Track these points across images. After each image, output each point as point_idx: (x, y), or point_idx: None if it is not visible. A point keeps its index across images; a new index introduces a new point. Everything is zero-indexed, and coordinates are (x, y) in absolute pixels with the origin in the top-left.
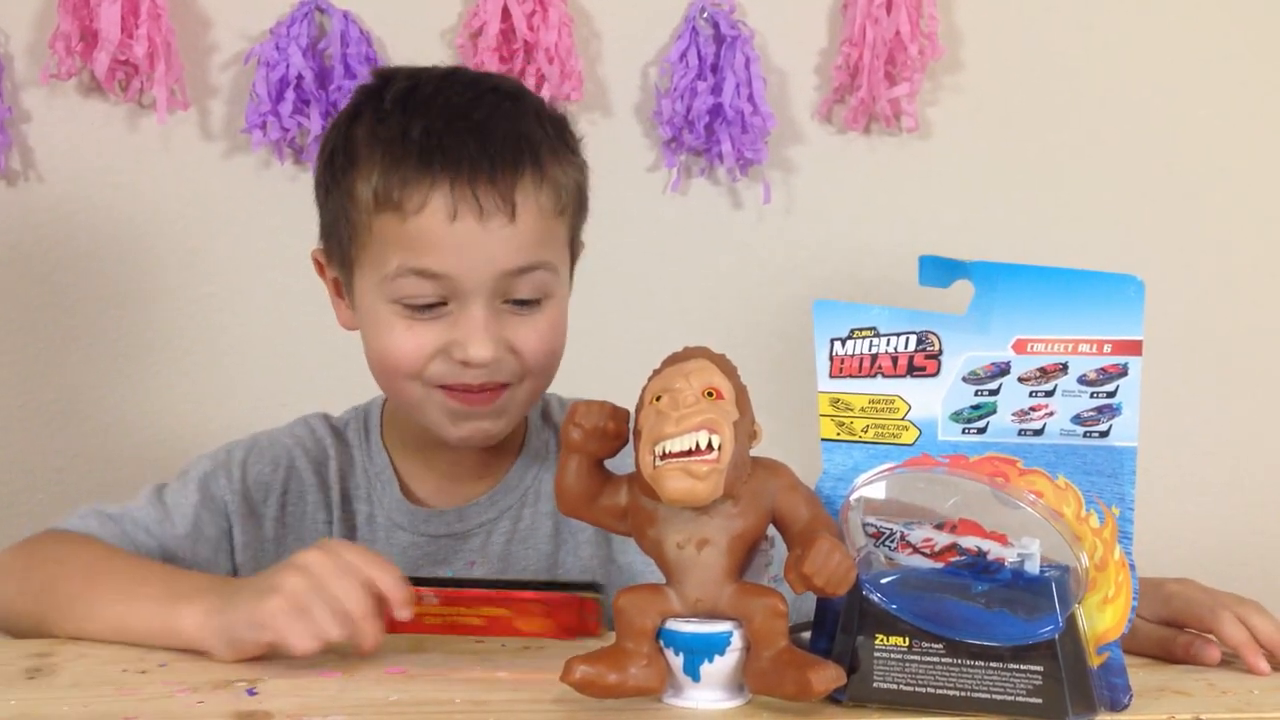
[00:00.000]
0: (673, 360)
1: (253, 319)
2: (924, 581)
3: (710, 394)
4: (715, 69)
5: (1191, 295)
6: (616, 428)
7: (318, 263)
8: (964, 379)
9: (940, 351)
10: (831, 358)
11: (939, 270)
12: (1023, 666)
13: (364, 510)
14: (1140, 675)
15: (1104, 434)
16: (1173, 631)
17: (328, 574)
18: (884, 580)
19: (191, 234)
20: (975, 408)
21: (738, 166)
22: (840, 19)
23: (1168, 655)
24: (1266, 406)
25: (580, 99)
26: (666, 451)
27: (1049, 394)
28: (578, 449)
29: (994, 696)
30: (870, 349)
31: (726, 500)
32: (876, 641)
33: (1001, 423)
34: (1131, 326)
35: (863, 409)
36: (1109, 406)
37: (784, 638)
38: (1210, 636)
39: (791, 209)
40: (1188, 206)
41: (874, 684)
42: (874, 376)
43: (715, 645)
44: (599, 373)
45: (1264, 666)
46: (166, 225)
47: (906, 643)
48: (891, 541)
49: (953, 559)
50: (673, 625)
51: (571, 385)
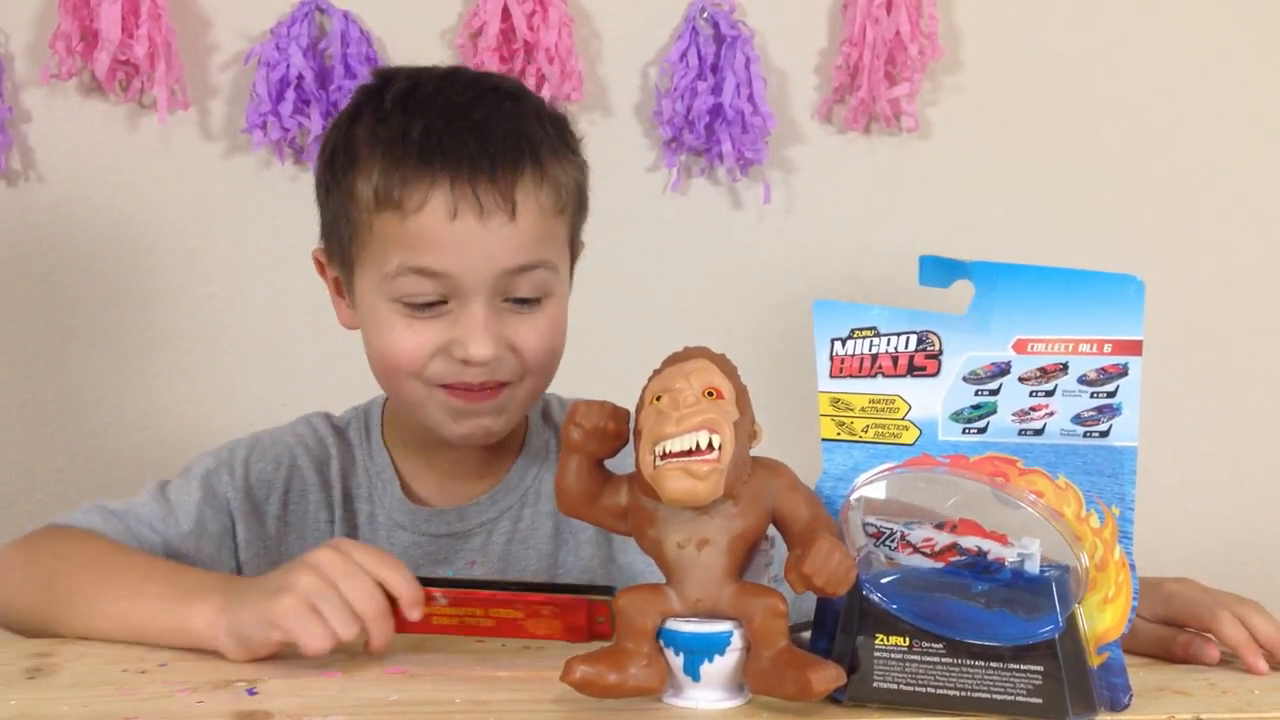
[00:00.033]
0: (673, 360)
1: (253, 319)
2: (924, 581)
3: (710, 394)
4: (715, 69)
5: (1191, 295)
6: (617, 428)
7: (318, 262)
8: (964, 379)
9: (940, 351)
10: (832, 358)
11: (939, 270)
12: (1023, 666)
13: (365, 509)
14: (1140, 675)
15: (1104, 434)
16: (1172, 631)
17: (339, 574)
18: (884, 580)
19: (191, 234)
20: (975, 408)
21: (738, 166)
22: (840, 19)
23: (1168, 655)
24: (1266, 406)
25: (580, 99)
26: (667, 451)
27: (1049, 394)
28: (578, 449)
29: (994, 696)
30: (870, 349)
31: (727, 500)
32: (876, 641)
33: (1002, 423)
34: (1131, 326)
35: (863, 409)
36: (1109, 406)
37: (784, 638)
38: (1210, 636)
39: (791, 209)
40: (1188, 206)
41: (874, 684)
42: (874, 376)
43: (715, 645)
44: (599, 373)
45: (1263, 666)
46: (166, 225)
47: (906, 642)
48: (892, 541)
49: (953, 559)
50: (673, 625)
51: (571, 385)
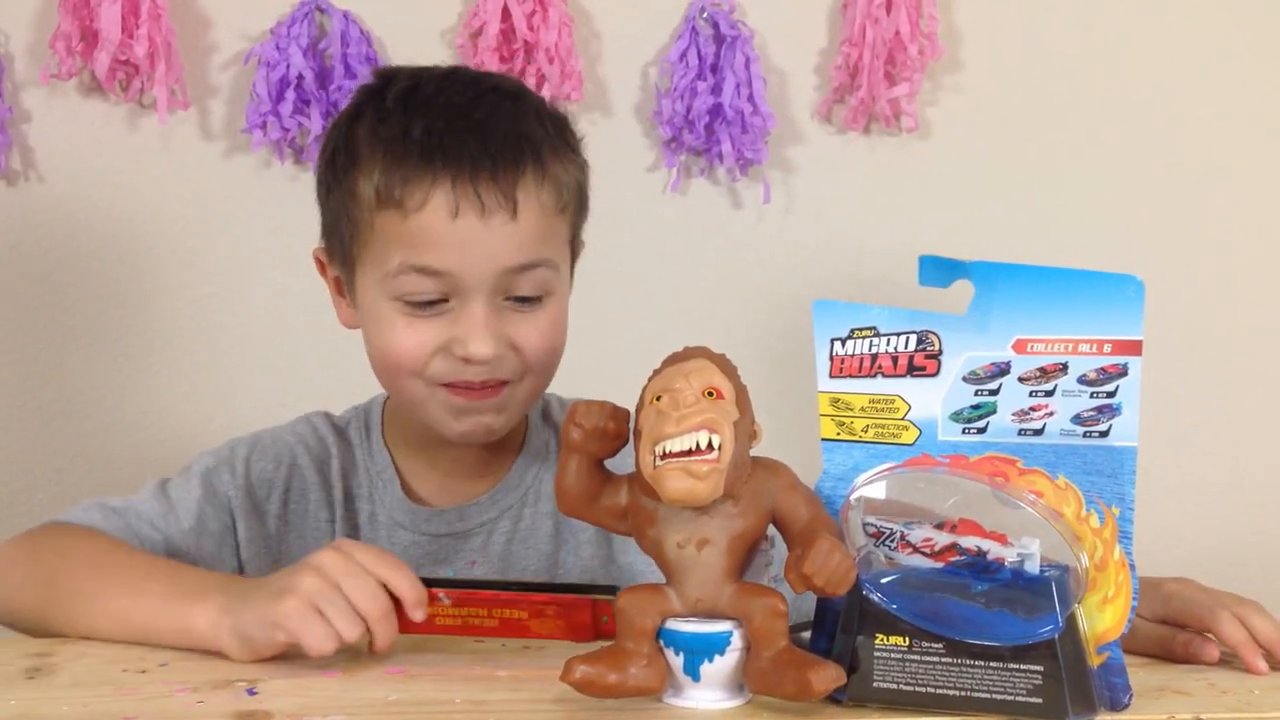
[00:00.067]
0: (673, 360)
1: (253, 319)
2: (924, 581)
3: (710, 394)
4: (715, 69)
5: (1191, 295)
6: (616, 428)
7: (319, 261)
8: (964, 379)
9: (940, 351)
10: (831, 357)
11: (939, 270)
12: (1023, 666)
13: (366, 509)
14: (1140, 675)
15: (1104, 434)
16: (1172, 631)
17: (342, 575)
18: (884, 580)
19: (191, 234)
20: (975, 407)
21: (737, 166)
22: (840, 19)
23: (1167, 655)
24: (1266, 406)
25: (580, 99)
26: (667, 451)
27: (1049, 394)
28: (578, 449)
29: (994, 696)
30: (870, 349)
31: (726, 500)
32: (876, 641)
33: (1001, 423)
34: (1131, 326)
35: (863, 409)
36: (1109, 406)
37: (784, 637)
38: (1210, 636)
39: (791, 209)
40: (1188, 206)
41: (874, 684)
42: (874, 376)
43: (715, 645)
44: (599, 373)
45: (1263, 666)
46: (166, 225)
47: (906, 642)
48: (891, 541)
49: (953, 559)
50: (673, 625)
51: (571, 385)
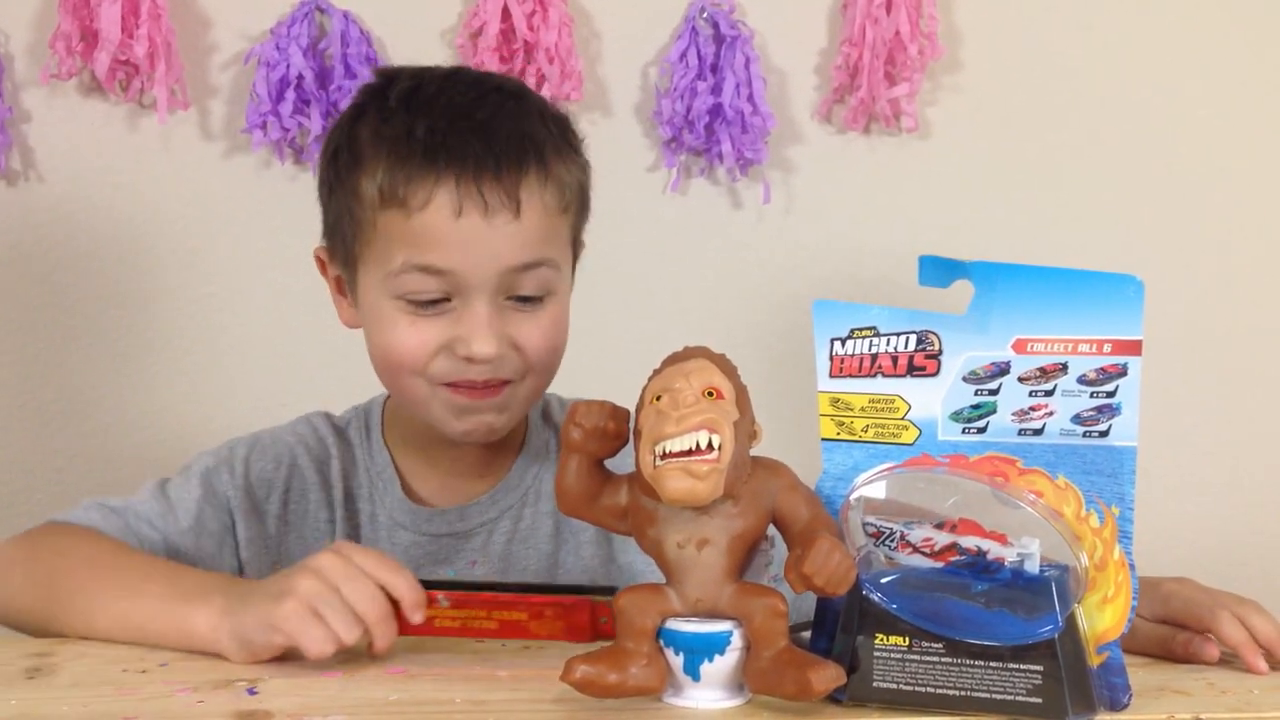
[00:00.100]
0: (673, 360)
1: (253, 319)
2: (924, 581)
3: (710, 394)
4: (715, 69)
5: (1191, 295)
6: (616, 427)
7: (320, 261)
8: (964, 379)
9: (940, 351)
10: (831, 357)
11: (939, 270)
12: (1022, 666)
13: (366, 509)
14: (1140, 675)
15: (1104, 434)
16: (1172, 631)
17: (341, 577)
18: (884, 580)
19: (191, 234)
20: (975, 407)
21: (737, 166)
22: (840, 19)
23: (1167, 654)
24: (1266, 406)
25: (580, 99)
26: (667, 451)
27: (1049, 394)
28: (578, 449)
29: (994, 696)
30: (870, 349)
31: (726, 500)
32: (876, 641)
33: (1001, 422)
34: (1131, 326)
35: (863, 409)
36: (1109, 406)
37: (784, 637)
38: (1209, 635)
39: (791, 209)
40: (1188, 206)
41: (874, 683)
42: (874, 376)
43: (715, 645)
44: (599, 373)
45: (1263, 666)
46: (166, 225)
47: (906, 642)
48: (891, 541)
49: (952, 558)
50: (673, 625)
51: (571, 385)
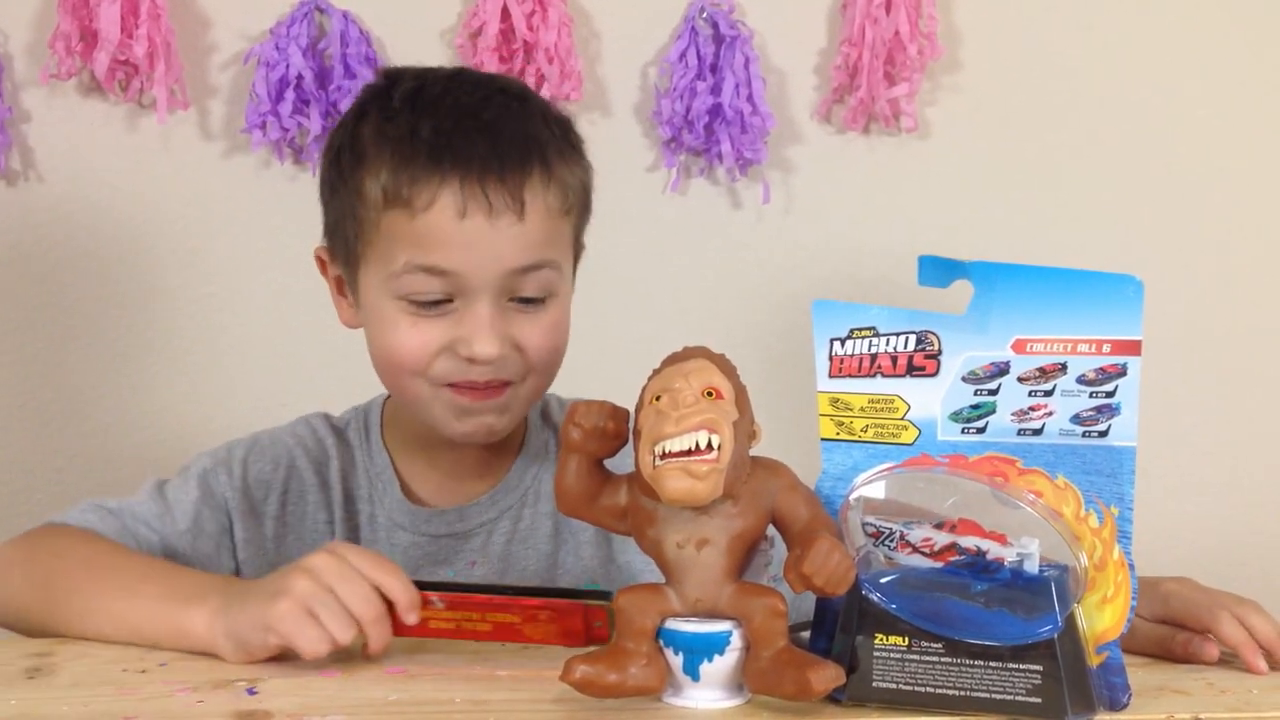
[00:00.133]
0: (672, 360)
1: (253, 319)
2: (923, 581)
3: (710, 394)
4: (715, 69)
5: (1191, 295)
6: (616, 427)
7: (320, 260)
8: (963, 379)
9: (939, 351)
10: (831, 357)
11: (938, 270)
12: (1022, 666)
13: (365, 510)
14: (1139, 674)
15: (1103, 434)
16: (1171, 630)
17: (335, 578)
18: (883, 580)
19: (191, 234)
20: (974, 407)
21: (737, 166)
22: (839, 19)
23: (1166, 654)
24: (1266, 406)
25: (580, 99)
26: (666, 451)
27: (1048, 394)
28: (577, 449)
29: (993, 696)
30: (870, 349)
31: (726, 500)
32: (876, 641)
33: (1001, 422)
34: (1131, 326)
35: (862, 409)
36: (1108, 406)
37: (783, 637)
38: (1209, 635)
39: (791, 209)
40: (1187, 206)
41: (873, 683)
42: (873, 376)
43: (715, 645)
44: (599, 373)
45: (1262, 666)
46: (166, 225)
47: (906, 642)
48: (891, 541)
49: (952, 558)
50: (672, 625)
51: (571, 385)
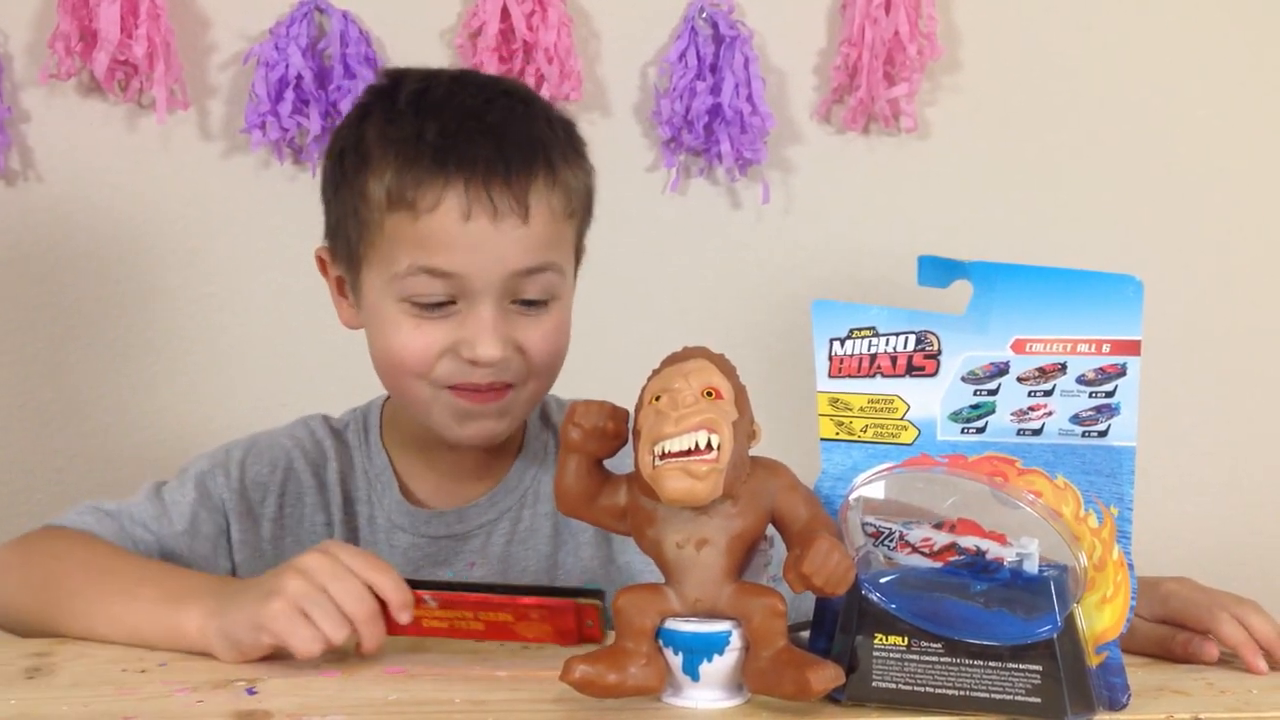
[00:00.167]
0: (672, 360)
1: (253, 319)
2: (923, 581)
3: (709, 394)
4: (714, 69)
5: (1190, 295)
6: (615, 427)
7: (321, 261)
8: (963, 379)
9: (939, 351)
10: (830, 357)
11: (938, 270)
12: (1021, 666)
13: (365, 512)
14: (1139, 674)
15: (1102, 434)
16: (1171, 630)
17: (328, 577)
18: (883, 580)
19: (191, 234)
20: (974, 407)
21: (736, 166)
22: (839, 19)
23: (1166, 654)
24: (1265, 406)
25: (579, 99)
26: (666, 451)
27: (1048, 394)
28: (577, 449)
29: (992, 696)
30: (869, 349)
31: (725, 500)
32: (875, 641)
33: (1000, 422)
34: (1130, 326)
35: (862, 409)
36: (1108, 406)
37: (783, 637)
38: (1209, 635)
39: (790, 209)
40: (1187, 206)
41: (873, 683)
42: (873, 376)
43: (714, 645)
44: (598, 373)
45: (1262, 666)
46: (166, 225)
47: (905, 642)
48: (890, 541)
49: (951, 558)
50: (672, 625)
51: (571, 385)
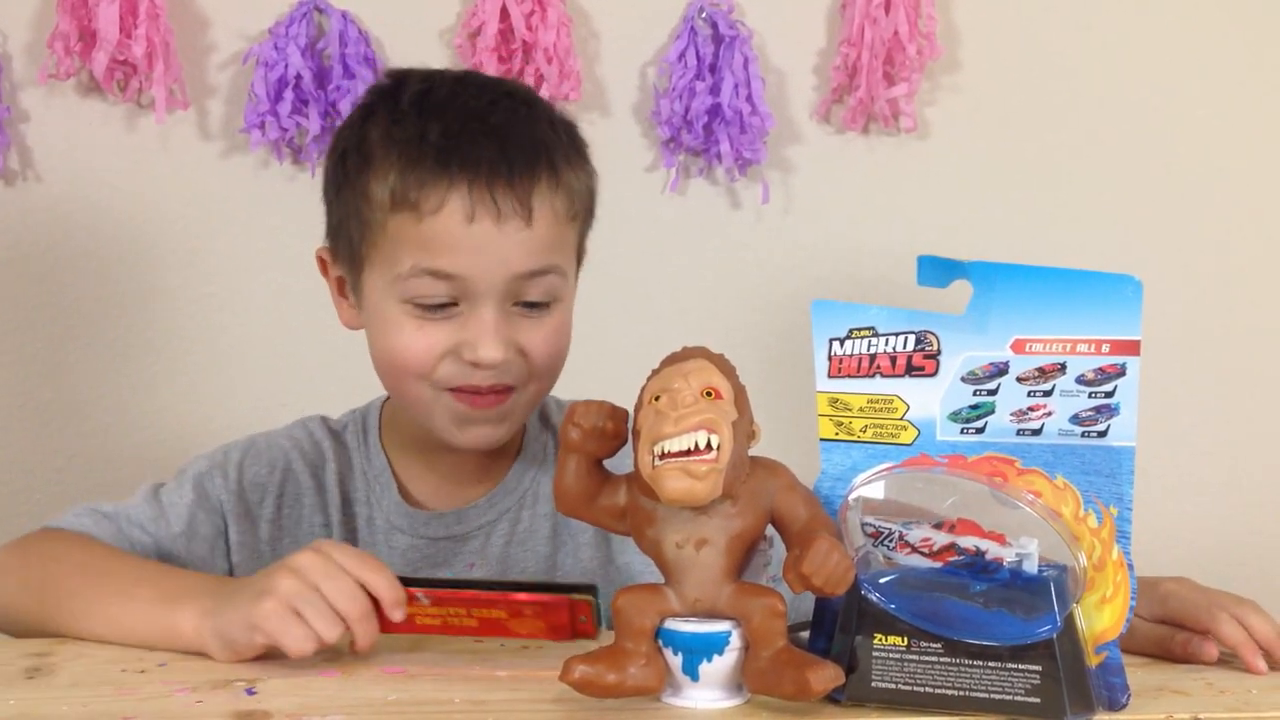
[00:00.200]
0: (671, 360)
1: (253, 319)
2: (922, 581)
3: (709, 394)
4: (714, 69)
5: (1190, 295)
6: (615, 427)
7: (321, 261)
8: (962, 379)
9: (939, 351)
10: (830, 357)
11: (937, 270)
12: (1021, 666)
13: (363, 513)
14: (1138, 675)
15: (1102, 434)
16: (1171, 630)
17: (320, 576)
18: (882, 580)
19: (191, 234)
20: (974, 407)
21: (736, 166)
22: (839, 19)
23: (1166, 654)
24: (1265, 406)
25: (579, 99)
26: (665, 451)
27: (1047, 394)
28: (576, 449)
29: (992, 696)
30: (869, 349)
31: (725, 500)
32: (875, 641)
33: (1000, 423)
34: (1130, 326)
35: (861, 409)
36: (1107, 406)
37: (782, 637)
38: (1208, 635)
39: (790, 209)
40: (1186, 206)
41: (872, 683)
42: (872, 376)
43: (714, 645)
44: (598, 373)
45: (1262, 666)
46: (166, 225)
47: (905, 642)
48: (890, 541)
49: (951, 559)
50: (671, 625)
51: (570, 386)
